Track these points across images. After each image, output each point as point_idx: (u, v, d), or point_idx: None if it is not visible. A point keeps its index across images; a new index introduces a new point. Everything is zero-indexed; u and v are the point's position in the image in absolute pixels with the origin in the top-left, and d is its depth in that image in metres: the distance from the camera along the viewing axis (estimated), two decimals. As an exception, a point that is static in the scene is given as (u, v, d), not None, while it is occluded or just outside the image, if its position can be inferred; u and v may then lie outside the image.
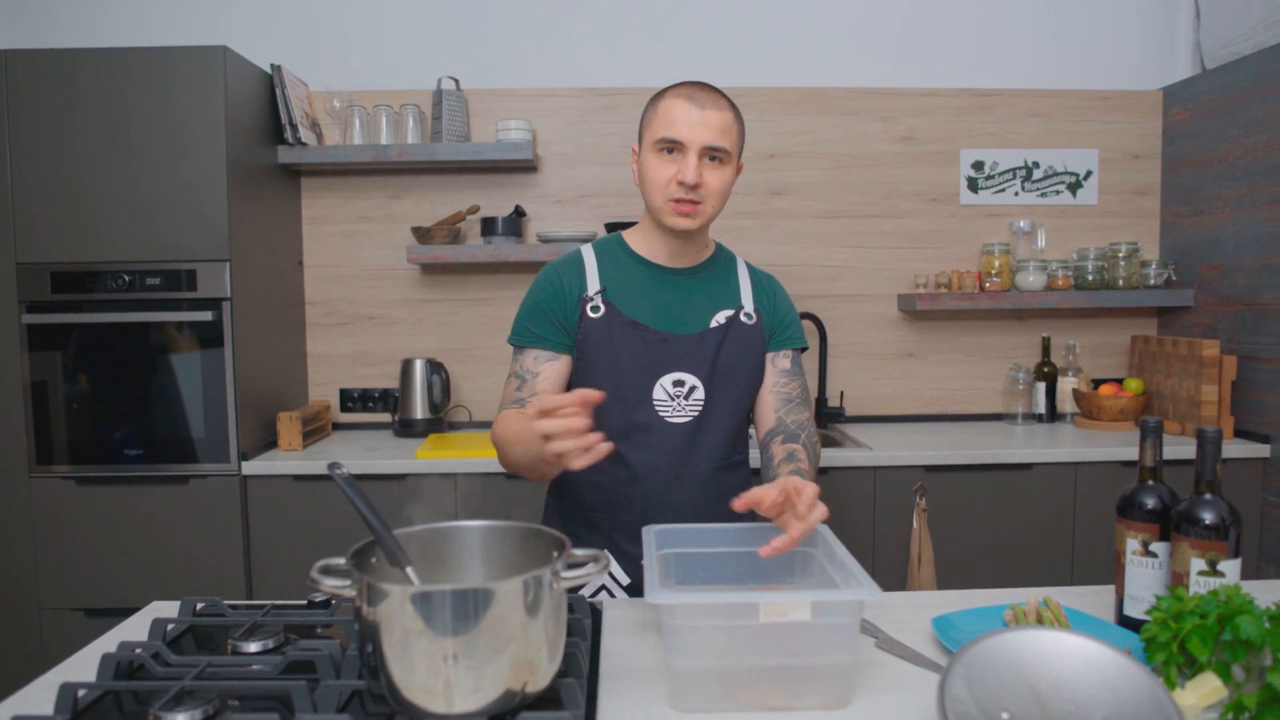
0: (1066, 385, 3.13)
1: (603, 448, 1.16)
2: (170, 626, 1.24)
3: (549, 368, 1.56)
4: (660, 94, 1.52)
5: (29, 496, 2.58)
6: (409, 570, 1.04)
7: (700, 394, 1.54)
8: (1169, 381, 2.96)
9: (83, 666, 1.19)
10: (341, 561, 1.00)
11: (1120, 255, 3.04)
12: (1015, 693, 0.97)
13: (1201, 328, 2.99)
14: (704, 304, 1.58)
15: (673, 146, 1.47)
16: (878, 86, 3.16)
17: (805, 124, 3.16)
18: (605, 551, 1.06)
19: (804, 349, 1.69)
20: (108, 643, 1.26)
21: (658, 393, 1.53)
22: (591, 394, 1.18)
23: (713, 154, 1.47)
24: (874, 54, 3.18)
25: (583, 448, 1.15)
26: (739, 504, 1.24)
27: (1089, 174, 3.20)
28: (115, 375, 2.58)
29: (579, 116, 3.12)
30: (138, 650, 1.11)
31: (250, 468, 2.60)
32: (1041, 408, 3.12)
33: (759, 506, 1.24)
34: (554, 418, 1.17)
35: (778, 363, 1.63)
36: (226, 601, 1.34)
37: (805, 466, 1.47)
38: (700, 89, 1.50)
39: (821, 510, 1.21)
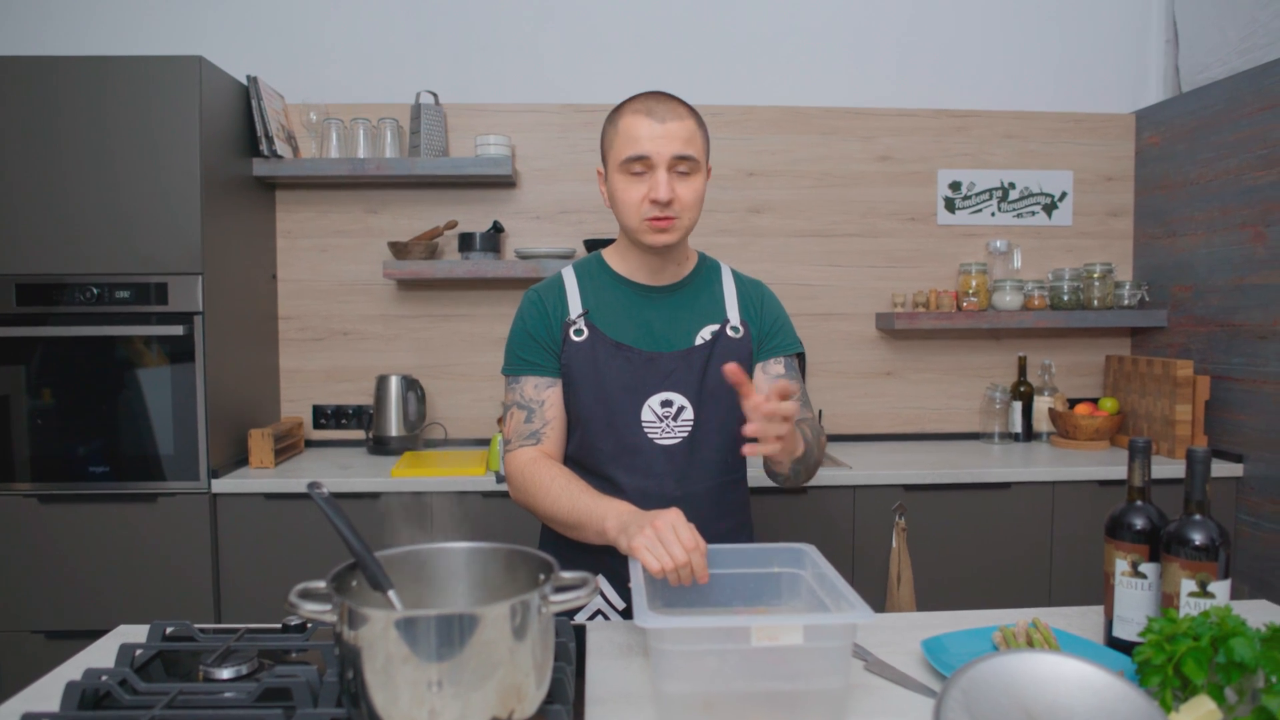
0: (1042, 405, 3.15)
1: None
2: (139, 652, 1.19)
3: (551, 394, 1.54)
4: (617, 111, 1.48)
5: (-11, 515, 2.50)
6: (391, 594, 1.01)
7: (689, 414, 1.52)
8: (1144, 401, 2.99)
9: (46, 694, 1.14)
10: (321, 585, 0.97)
11: (1095, 276, 3.07)
12: (1011, 717, 0.95)
13: (1175, 348, 3.02)
14: (688, 321, 1.56)
15: (641, 165, 1.44)
16: (856, 106, 3.18)
17: (783, 143, 3.17)
18: (594, 575, 1.03)
19: (798, 354, 1.64)
20: (72, 669, 1.21)
21: (646, 414, 1.51)
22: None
23: (681, 165, 1.44)
24: (852, 74, 3.20)
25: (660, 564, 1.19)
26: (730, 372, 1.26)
27: (1064, 195, 3.24)
28: (81, 390, 2.51)
29: (558, 133, 3.11)
30: (104, 678, 1.06)
31: (220, 486, 2.54)
32: (1018, 427, 3.14)
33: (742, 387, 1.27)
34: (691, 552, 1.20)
35: (769, 369, 1.59)
36: (196, 625, 1.29)
37: (807, 432, 1.47)
38: (658, 101, 1.46)
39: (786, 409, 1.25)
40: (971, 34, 3.21)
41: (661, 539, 1.19)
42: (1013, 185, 3.22)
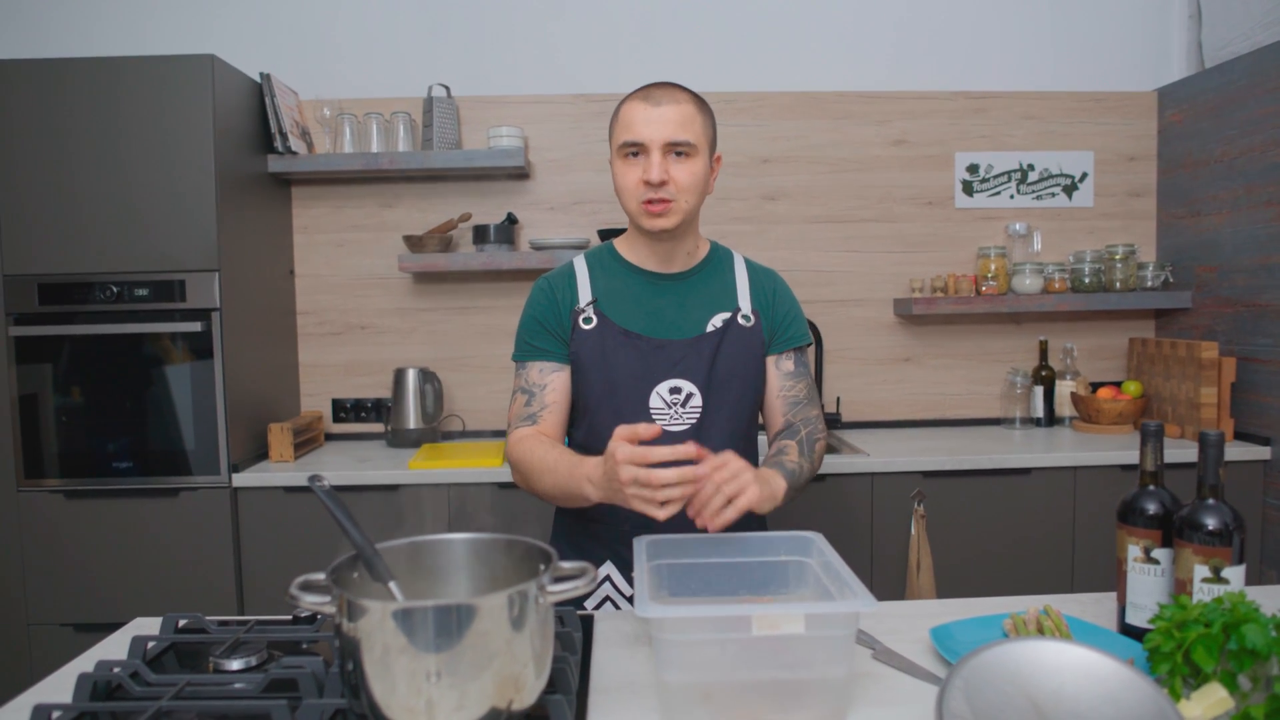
0: (1064, 389, 3.11)
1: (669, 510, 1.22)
2: (151, 644, 1.21)
3: (555, 378, 1.55)
4: (621, 101, 1.52)
5: (17, 510, 2.54)
6: (392, 585, 1.02)
7: (697, 400, 1.52)
8: (1168, 384, 2.94)
9: (61, 686, 1.16)
10: (321, 577, 0.98)
11: (1117, 257, 3.02)
12: (1015, 706, 0.94)
13: (1200, 329, 2.97)
14: (699, 308, 1.56)
15: (636, 149, 1.47)
16: (871, 90, 3.14)
17: (798, 128, 3.14)
18: (595, 565, 1.03)
19: (808, 344, 1.66)
20: (86, 661, 1.23)
21: (654, 401, 1.51)
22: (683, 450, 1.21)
23: (677, 149, 1.46)
24: (867, 57, 3.16)
25: (658, 501, 1.20)
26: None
27: (1084, 176, 3.18)
28: (104, 387, 2.55)
29: (571, 123, 3.10)
30: (116, 670, 1.08)
31: (241, 480, 2.57)
32: (1040, 412, 3.09)
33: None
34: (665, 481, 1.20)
35: (781, 365, 1.60)
36: (215, 617, 1.31)
37: (791, 458, 1.47)
38: (657, 87, 1.49)
39: (738, 491, 1.24)
40: (988, 13, 3.16)
41: (647, 485, 1.20)
42: (1032, 167, 3.17)
